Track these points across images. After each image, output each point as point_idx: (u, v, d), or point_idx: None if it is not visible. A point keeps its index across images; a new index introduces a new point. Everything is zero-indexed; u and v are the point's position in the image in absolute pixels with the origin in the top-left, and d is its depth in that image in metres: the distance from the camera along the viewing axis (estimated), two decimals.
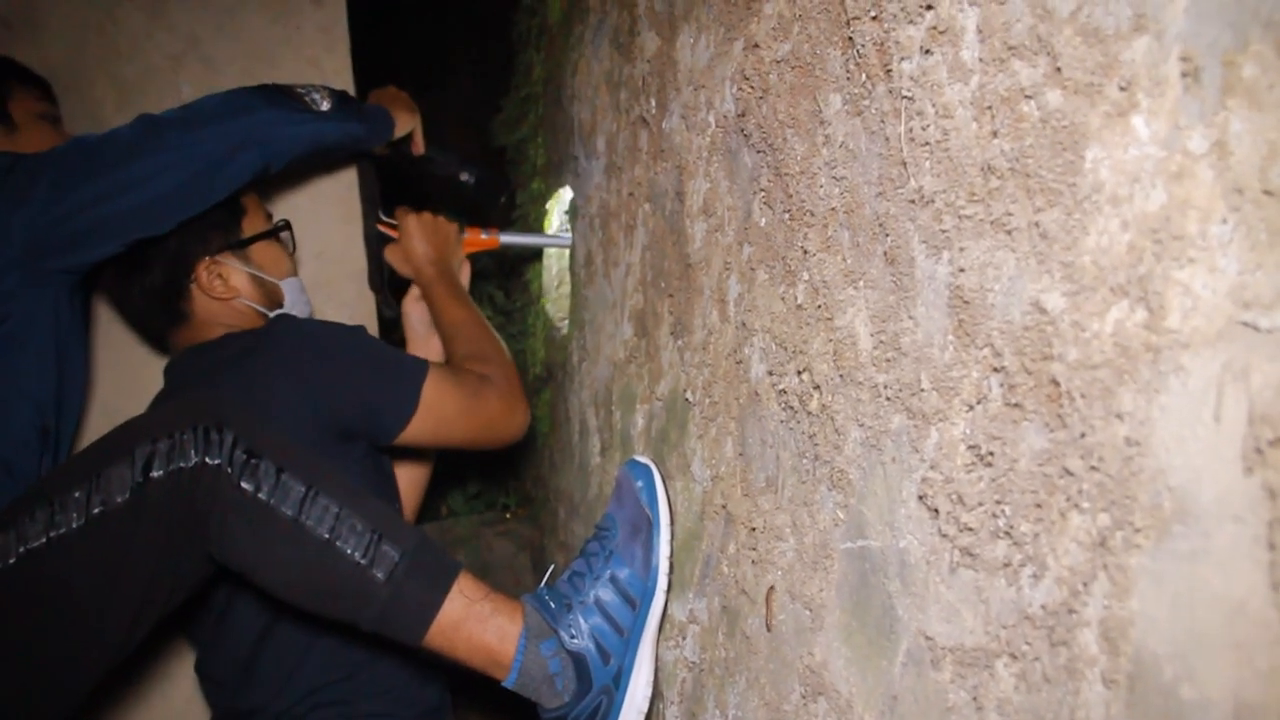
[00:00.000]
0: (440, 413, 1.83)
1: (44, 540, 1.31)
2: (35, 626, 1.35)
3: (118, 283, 1.91)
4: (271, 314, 1.98)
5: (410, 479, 2.32)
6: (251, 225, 2.02)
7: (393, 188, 2.54)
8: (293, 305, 2.03)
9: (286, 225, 2.10)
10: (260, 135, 1.80)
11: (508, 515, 3.29)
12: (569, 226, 2.52)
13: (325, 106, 1.92)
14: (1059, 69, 0.72)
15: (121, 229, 1.70)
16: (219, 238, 1.95)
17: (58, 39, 2.16)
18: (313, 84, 1.96)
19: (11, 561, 1.30)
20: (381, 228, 2.28)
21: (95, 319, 2.16)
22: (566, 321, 2.62)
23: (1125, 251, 0.67)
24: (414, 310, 2.30)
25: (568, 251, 2.52)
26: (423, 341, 2.29)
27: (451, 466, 2.47)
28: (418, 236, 2.21)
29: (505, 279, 3.36)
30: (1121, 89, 0.67)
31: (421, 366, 1.83)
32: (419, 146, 2.28)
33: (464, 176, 2.43)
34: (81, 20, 2.18)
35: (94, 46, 2.19)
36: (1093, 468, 0.68)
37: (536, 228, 2.90)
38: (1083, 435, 0.69)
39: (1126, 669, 0.65)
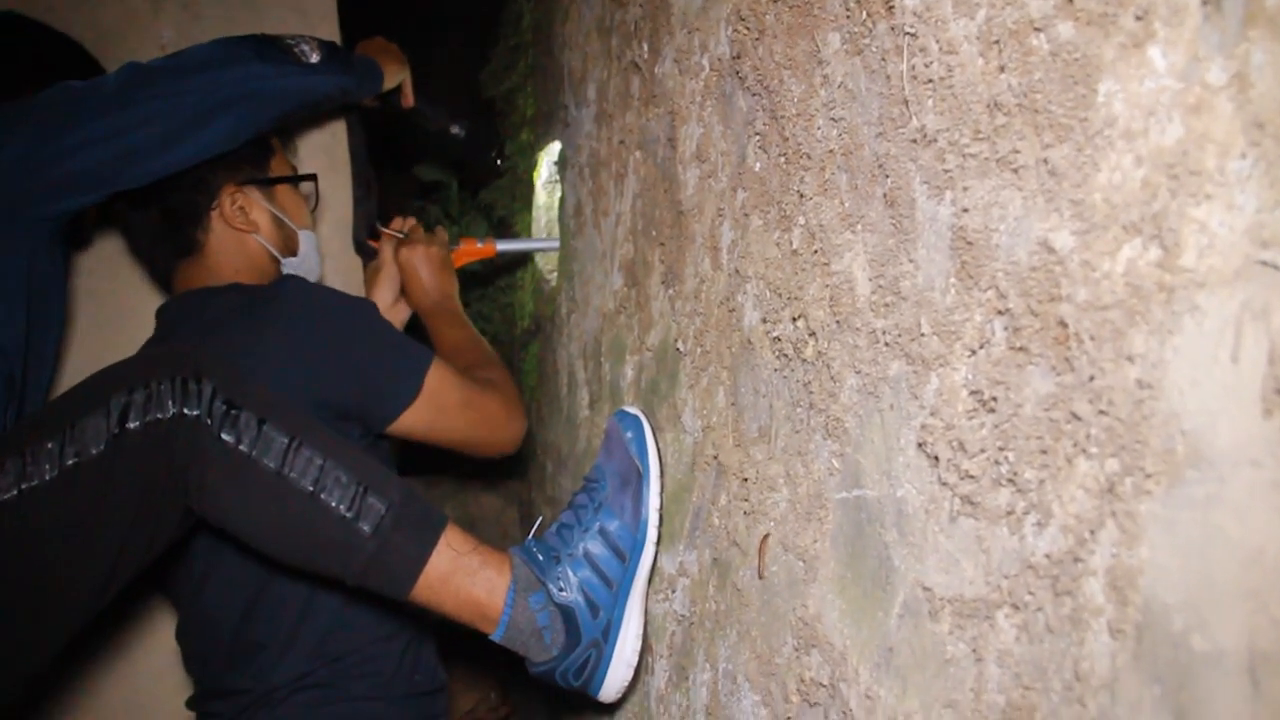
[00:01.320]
0: (440, 402, 1.79)
1: (15, 492, 1.28)
2: (5, 581, 1.31)
3: (133, 206, 1.85)
4: (283, 260, 1.95)
5: None
6: (278, 169, 1.99)
7: (379, 140, 2.51)
8: (305, 257, 1.99)
9: (313, 177, 2.08)
10: (250, 88, 1.75)
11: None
12: (558, 177, 2.49)
13: (315, 59, 1.88)
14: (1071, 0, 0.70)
15: (103, 178, 1.66)
16: (247, 170, 1.91)
17: None
18: (301, 35, 1.91)
19: None
20: (387, 234, 2.26)
21: (76, 270, 2.12)
22: (555, 274, 2.59)
23: (1139, 188, 0.64)
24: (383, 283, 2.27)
25: (557, 203, 2.50)
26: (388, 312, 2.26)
27: None
28: (417, 268, 2.19)
29: (493, 230, 3.33)
30: (1138, 18, 0.65)
31: (427, 354, 1.79)
32: (408, 99, 2.25)
33: (454, 130, 2.40)
34: None
35: None
36: (1101, 412, 0.66)
37: (526, 188, 2.88)
38: (1091, 378, 0.67)
39: (1135, 619, 0.64)
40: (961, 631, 0.82)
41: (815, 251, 1.08)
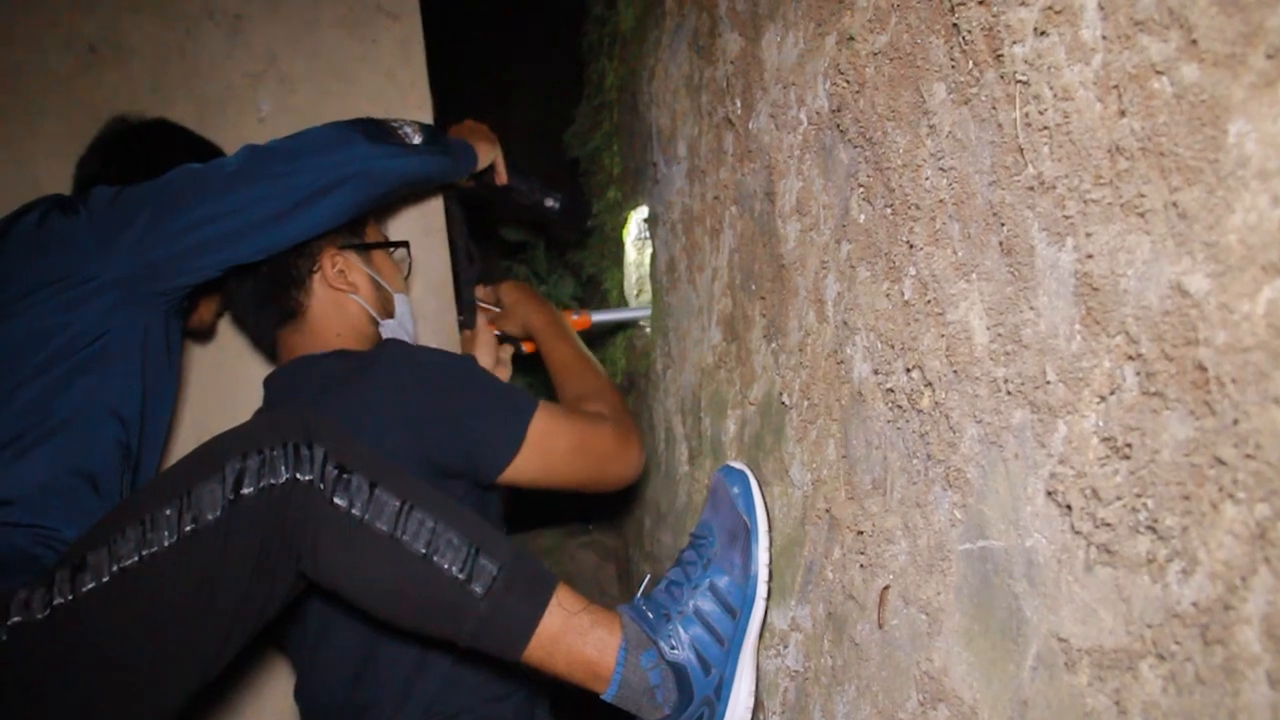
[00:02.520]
0: (548, 449, 1.78)
1: (137, 559, 1.30)
2: (128, 645, 1.34)
3: (237, 276, 1.91)
4: (381, 322, 1.99)
5: None
6: (372, 236, 2.06)
7: (477, 216, 2.56)
8: (401, 319, 2.04)
9: (406, 244, 2.14)
10: (359, 168, 1.81)
11: (590, 527, 3.28)
12: (648, 234, 2.51)
13: (417, 140, 1.94)
14: (1194, 41, 0.69)
15: (219, 254, 1.73)
16: (345, 235, 1.98)
17: (140, 60, 2.19)
18: (402, 119, 1.97)
19: (105, 580, 1.30)
20: (483, 308, 2.30)
21: (189, 345, 2.18)
22: (648, 329, 2.60)
23: (1277, 228, 0.64)
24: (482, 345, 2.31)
25: (647, 259, 2.52)
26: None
27: None
28: (519, 294, 2.25)
29: (583, 288, 3.35)
30: (1269, 57, 0.64)
31: (531, 401, 1.80)
32: (502, 177, 2.31)
33: (549, 203, 2.44)
34: (163, 41, 2.21)
35: (175, 66, 2.22)
36: (1248, 456, 0.65)
37: (615, 246, 2.90)
38: (1235, 422, 0.66)
39: None
40: (1102, 683, 0.80)
41: (928, 301, 1.07)
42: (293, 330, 1.94)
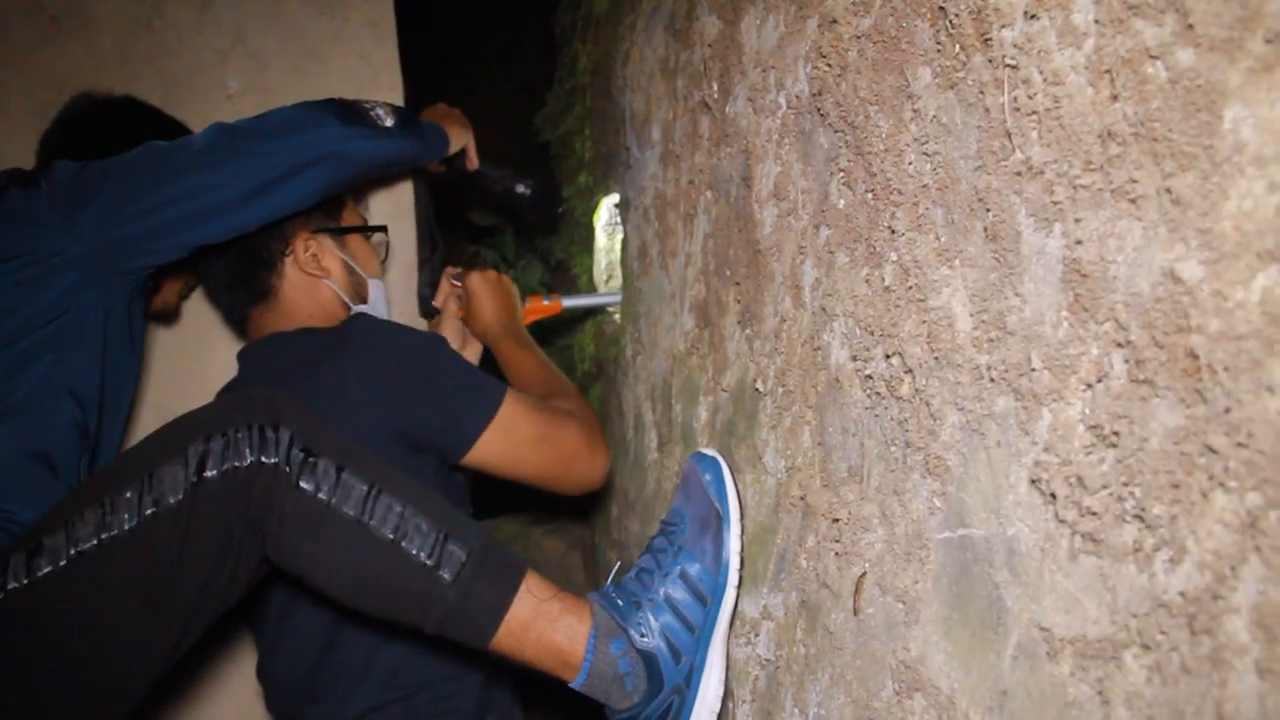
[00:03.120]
0: (515, 435, 1.77)
1: (95, 542, 1.28)
2: (85, 631, 1.31)
3: (210, 254, 1.89)
4: (353, 306, 1.98)
5: None
6: (349, 219, 2.05)
7: (446, 204, 2.54)
8: (374, 305, 2.02)
9: (384, 229, 2.11)
10: (330, 150, 1.79)
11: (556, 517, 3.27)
12: (619, 220, 2.50)
13: (389, 123, 1.92)
14: (1190, 25, 0.68)
15: (185, 234, 1.70)
16: (320, 218, 1.97)
17: (106, 34, 2.16)
18: (375, 100, 1.95)
19: (63, 564, 1.27)
20: (448, 287, 2.27)
21: (153, 326, 2.15)
22: (618, 316, 2.59)
23: (1274, 215, 0.63)
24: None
25: (618, 245, 2.51)
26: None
27: None
28: (484, 294, 2.19)
29: (551, 273, 3.34)
30: (1267, 42, 0.63)
31: (500, 385, 1.79)
32: (473, 161, 2.28)
33: (520, 189, 2.42)
34: (130, 15, 2.18)
35: (142, 41, 2.19)
36: (1240, 444, 0.64)
37: (585, 231, 2.89)
38: (1227, 410, 0.65)
39: None
40: (1085, 673, 0.80)
41: (910, 288, 1.07)
42: (264, 310, 1.93)
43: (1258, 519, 0.63)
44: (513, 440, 1.77)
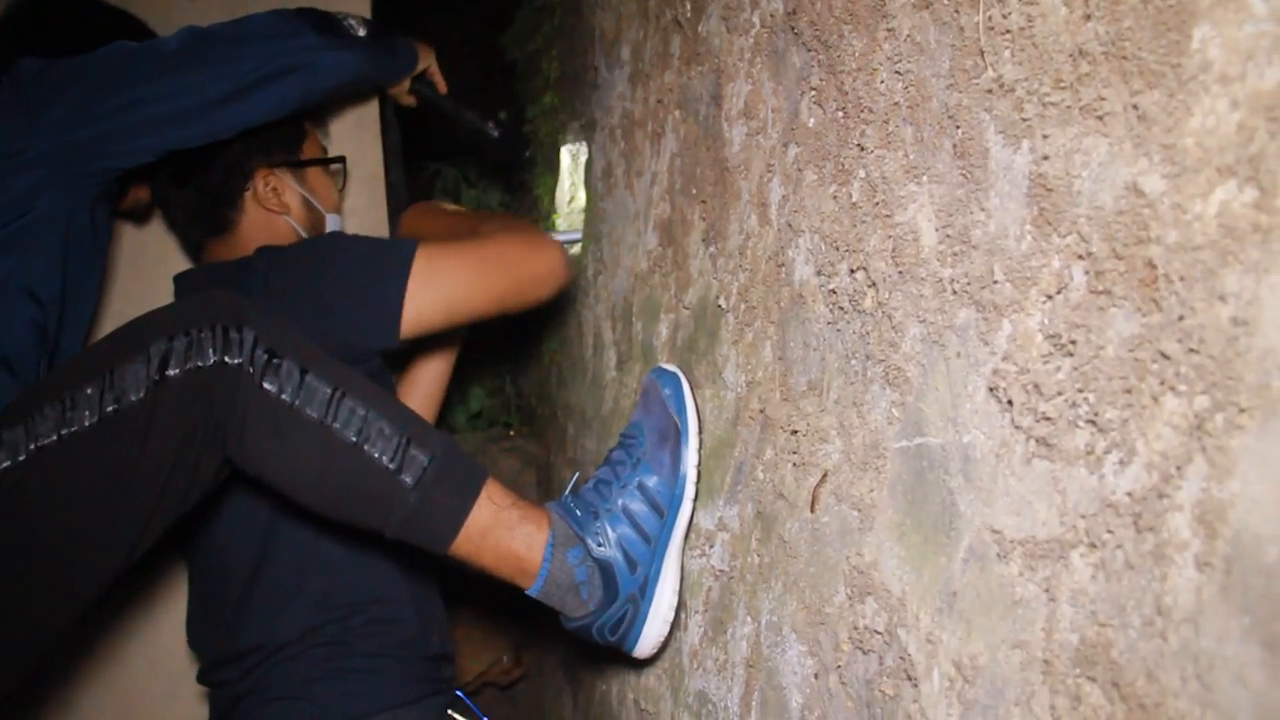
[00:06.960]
0: (442, 277, 1.72)
1: (55, 438, 1.28)
2: (44, 527, 1.32)
3: (170, 182, 1.90)
4: None
5: (423, 396, 2.30)
6: (310, 151, 2.04)
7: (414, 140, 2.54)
8: None
9: (342, 160, 2.11)
10: (305, 59, 1.78)
11: (511, 433, 3.29)
12: (584, 140, 2.49)
13: (361, 34, 1.91)
14: None
15: (153, 137, 1.68)
16: (280, 153, 1.97)
17: None
18: (346, 12, 1.94)
19: (21, 459, 1.27)
20: None
21: (119, 234, 2.14)
22: (577, 249, 2.59)
23: (1235, 131, 0.65)
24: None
25: (582, 164, 2.51)
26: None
27: (453, 384, 2.45)
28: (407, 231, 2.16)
29: (511, 193, 3.33)
30: None
31: (406, 241, 1.77)
32: (441, 85, 2.28)
33: (490, 127, 2.40)
34: None
35: None
36: (1192, 350, 0.67)
37: (549, 151, 2.88)
38: (1181, 318, 0.68)
39: (1224, 552, 0.65)
40: (1032, 573, 0.83)
41: (877, 204, 1.09)
42: (219, 242, 1.94)
43: (1204, 420, 0.66)
44: (442, 283, 1.74)
